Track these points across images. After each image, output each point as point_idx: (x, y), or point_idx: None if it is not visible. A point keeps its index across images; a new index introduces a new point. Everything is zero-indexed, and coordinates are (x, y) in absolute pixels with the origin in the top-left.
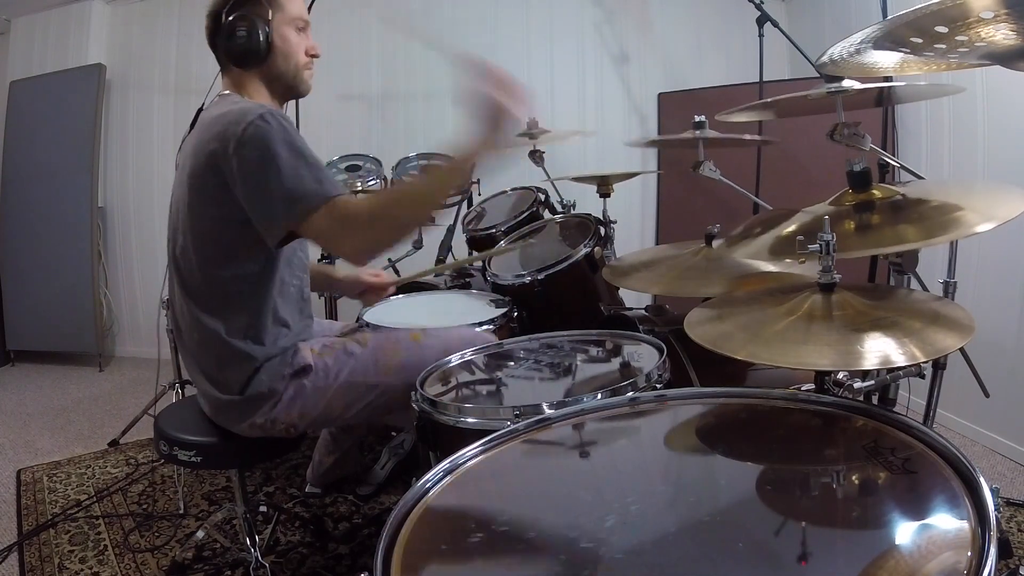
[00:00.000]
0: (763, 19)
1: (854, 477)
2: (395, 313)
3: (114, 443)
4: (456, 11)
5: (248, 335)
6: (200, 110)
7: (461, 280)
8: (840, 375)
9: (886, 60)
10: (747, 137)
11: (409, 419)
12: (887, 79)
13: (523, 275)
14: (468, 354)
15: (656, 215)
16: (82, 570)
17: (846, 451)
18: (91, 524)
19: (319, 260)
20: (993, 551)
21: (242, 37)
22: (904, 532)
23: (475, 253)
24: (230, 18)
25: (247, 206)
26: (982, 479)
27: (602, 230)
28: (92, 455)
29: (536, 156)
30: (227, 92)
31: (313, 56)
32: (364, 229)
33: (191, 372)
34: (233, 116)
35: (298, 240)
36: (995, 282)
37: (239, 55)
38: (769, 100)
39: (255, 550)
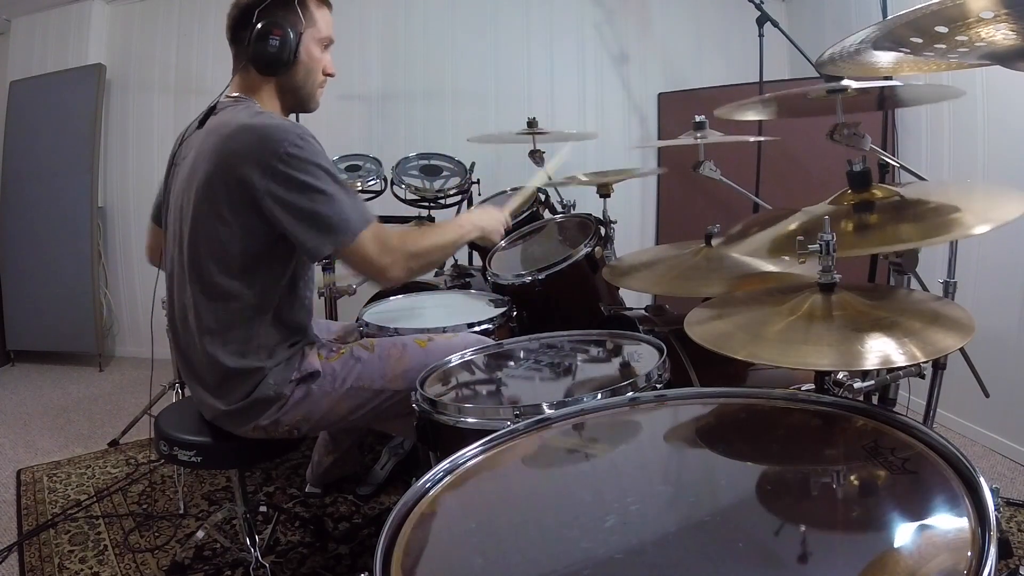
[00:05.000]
0: (763, 19)
1: (854, 477)
2: (394, 313)
3: (114, 443)
4: (456, 11)
5: (263, 344)
6: (211, 110)
7: (461, 280)
8: (840, 375)
9: (886, 60)
10: (750, 139)
11: (410, 428)
12: (887, 79)
13: (523, 275)
14: (468, 354)
15: (656, 215)
16: (82, 570)
17: (846, 451)
18: (91, 524)
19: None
20: (993, 551)
21: (274, 44)
22: (904, 532)
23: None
24: (263, 21)
25: (290, 229)
26: (982, 479)
27: (602, 230)
28: (92, 455)
29: (536, 156)
30: (241, 95)
31: (328, 75)
32: (404, 257)
33: (192, 386)
34: (265, 133)
35: None
36: (995, 282)
37: (265, 61)
38: (769, 96)
39: (255, 550)
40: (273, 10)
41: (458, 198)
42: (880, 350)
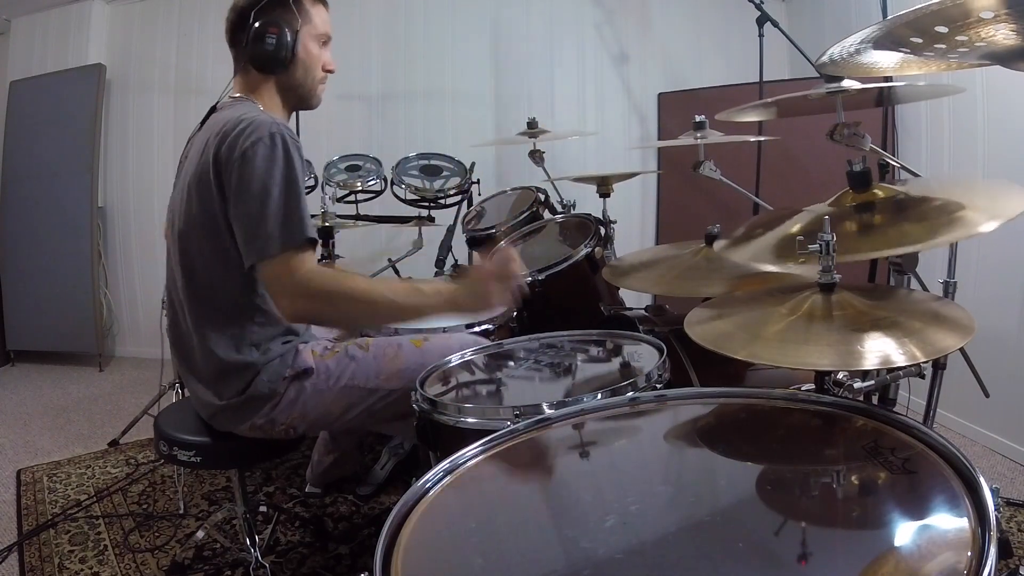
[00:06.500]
0: (763, 19)
1: (854, 477)
2: None
3: (114, 443)
4: (456, 11)
5: (254, 341)
6: (213, 109)
7: None
8: (840, 375)
9: (886, 60)
10: (751, 139)
11: (408, 429)
12: (887, 79)
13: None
14: (468, 354)
15: (656, 215)
16: (82, 570)
17: (846, 451)
18: (91, 524)
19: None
20: (993, 551)
21: (270, 44)
22: (904, 532)
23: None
24: (260, 21)
25: (232, 221)
26: (982, 479)
27: (602, 230)
28: (92, 455)
29: (536, 156)
30: (241, 95)
31: (328, 72)
32: (311, 299)
33: (187, 380)
34: (245, 126)
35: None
36: (995, 282)
37: (263, 60)
38: (770, 100)
39: (255, 550)
40: (269, 10)
41: (458, 198)
42: (880, 350)
